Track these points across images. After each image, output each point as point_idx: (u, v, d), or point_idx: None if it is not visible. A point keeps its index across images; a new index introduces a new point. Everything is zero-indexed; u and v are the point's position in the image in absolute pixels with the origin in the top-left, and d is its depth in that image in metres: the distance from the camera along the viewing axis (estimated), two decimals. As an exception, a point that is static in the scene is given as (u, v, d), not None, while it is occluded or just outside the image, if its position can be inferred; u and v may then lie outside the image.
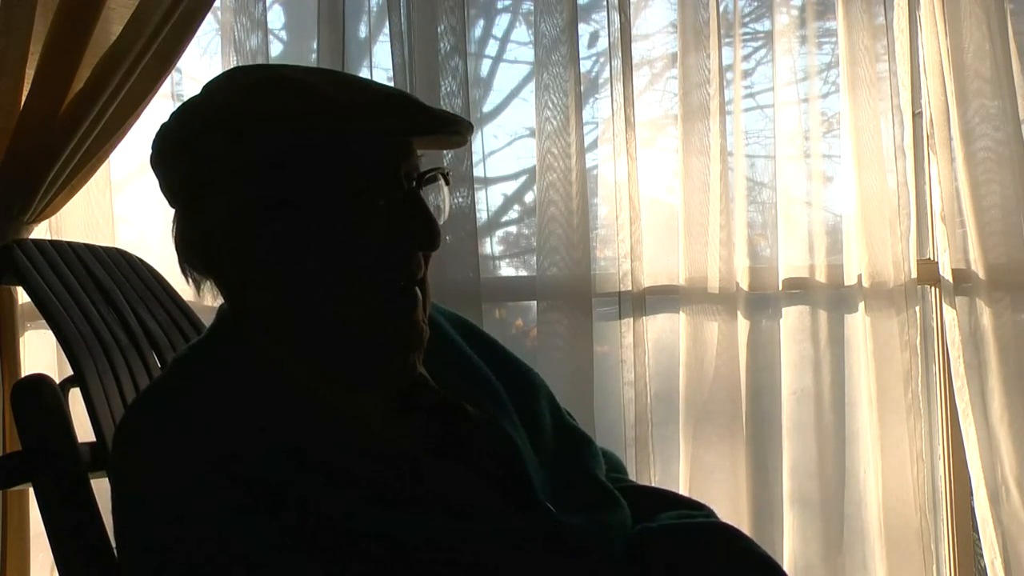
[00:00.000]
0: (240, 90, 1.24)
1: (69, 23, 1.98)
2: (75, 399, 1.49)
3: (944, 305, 2.84)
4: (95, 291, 1.67)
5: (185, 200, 1.26)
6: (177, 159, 1.25)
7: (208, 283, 1.28)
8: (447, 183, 1.32)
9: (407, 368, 1.28)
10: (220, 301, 1.32)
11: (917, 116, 2.88)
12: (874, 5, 2.79)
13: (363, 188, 1.20)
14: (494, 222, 2.77)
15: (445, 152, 2.50)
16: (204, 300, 1.34)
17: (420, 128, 1.24)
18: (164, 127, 1.27)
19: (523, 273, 2.78)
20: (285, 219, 1.20)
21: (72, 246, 1.74)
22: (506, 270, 2.83)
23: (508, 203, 2.82)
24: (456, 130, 1.27)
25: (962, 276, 2.82)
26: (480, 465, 1.30)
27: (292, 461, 1.16)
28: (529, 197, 2.71)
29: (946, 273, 2.83)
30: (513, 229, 2.85)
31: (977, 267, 2.80)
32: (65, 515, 1.34)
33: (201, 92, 1.28)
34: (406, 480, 1.22)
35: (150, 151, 1.27)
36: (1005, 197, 2.80)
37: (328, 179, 1.19)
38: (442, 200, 1.33)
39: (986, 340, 2.80)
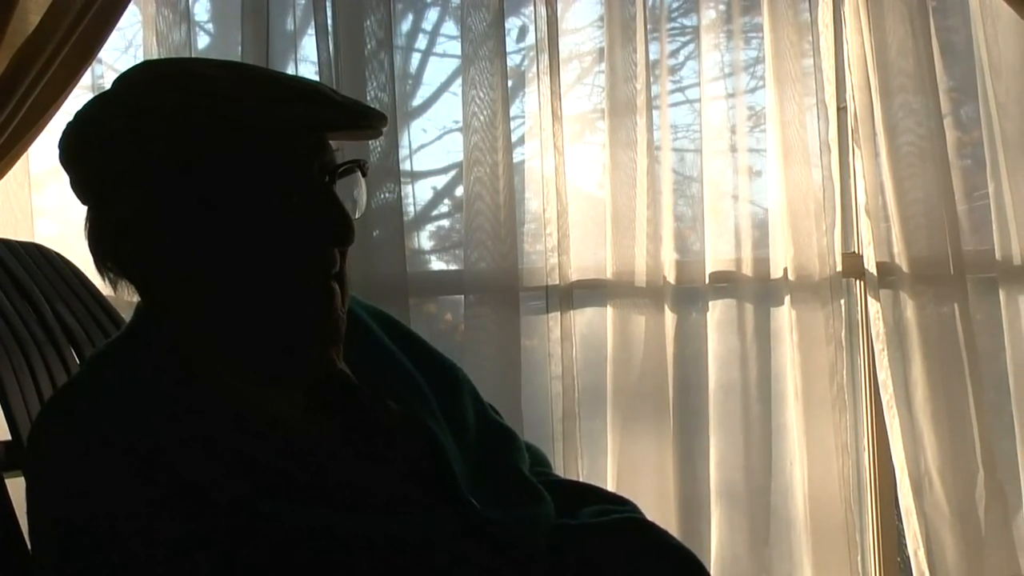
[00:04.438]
0: (146, 86, 1.23)
1: (-16, 13, 1.95)
2: (-10, 397, 1.47)
3: (869, 298, 2.87)
4: (11, 287, 1.64)
5: (94, 198, 1.24)
6: (84, 157, 1.23)
7: (124, 281, 1.27)
8: (364, 175, 1.31)
9: (325, 363, 1.28)
10: (139, 298, 1.31)
11: (842, 111, 2.91)
12: (799, 1, 2.81)
13: (273, 184, 1.19)
14: (424, 216, 2.76)
15: (372, 146, 2.49)
16: (123, 296, 1.33)
17: (329, 122, 1.23)
18: (70, 124, 1.25)
19: (453, 267, 2.77)
20: (195, 217, 1.19)
21: (-12, 241, 1.71)
22: (437, 264, 2.82)
23: (438, 197, 2.82)
24: (368, 123, 1.26)
25: (886, 269, 2.85)
26: (402, 460, 1.30)
27: (209, 457, 1.15)
28: (459, 191, 2.70)
29: (870, 266, 2.86)
30: (445, 223, 2.85)
31: (901, 260, 2.83)
32: (-21, 515, 1.32)
33: (110, 87, 1.26)
34: (326, 476, 1.21)
35: (58, 149, 1.26)
36: (928, 192, 2.84)
37: (237, 176, 1.18)
38: (359, 193, 1.32)
39: (910, 333, 2.83)
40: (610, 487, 2.52)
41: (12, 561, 1.30)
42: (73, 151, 1.24)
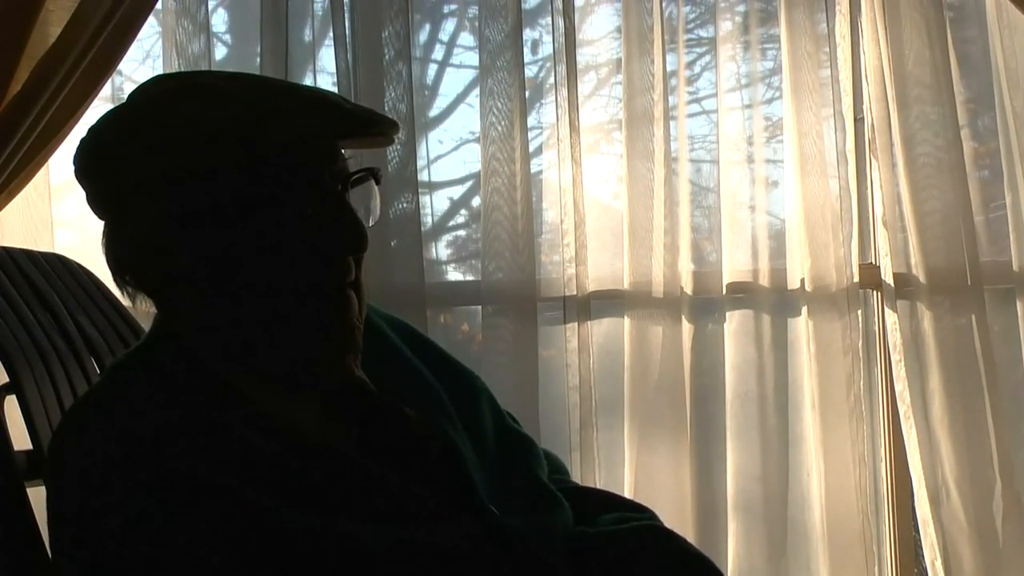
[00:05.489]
0: (158, 100, 1.23)
1: (5, 25, 1.96)
2: (11, 406, 1.47)
3: (885, 309, 2.87)
4: (32, 297, 1.65)
5: (110, 213, 1.25)
6: (99, 171, 1.24)
7: (142, 295, 1.27)
8: (377, 183, 1.31)
9: (343, 371, 1.28)
10: (156, 310, 1.31)
11: (859, 122, 2.90)
12: (816, 12, 2.81)
13: (287, 194, 1.19)
14: (441, 227, 2.77)
15: (389, 156, 2.50)
16: (142, 308, 1.33)
17: (341, 131, 1.24)
18: (84, 139, 1.25)
19: (471, 278, 2.78)
20: (209, 229, 1.19)
21: (9, 251, 1.72)
22: (453, 274, 2.83)
23: (455, 208, 2.82)
24: (380, 131, 1.26)
25: (903, 280, 2.84)
26: (420, 468, 1.30)
27: (226, 467, 1.15)
28: (476, 202, 2.71)
29: (887, 277, 2.85)
30: (462, 233, 2.85)
31: (918, 271, 2.82)
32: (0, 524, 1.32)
33: (124, 101, 1.27)
34: (344, 484, 1.21)
35: (72, 164, 1.26)
36: (945, 202, 2.83)
37: (250, 187, 1.18)
38: (374, 201, 1.32)
39: (927, 343, 2.82)
40: (627, 497, 2.52)
41: (33, 570, 1.31)
42: (88, 166, 1.25)
